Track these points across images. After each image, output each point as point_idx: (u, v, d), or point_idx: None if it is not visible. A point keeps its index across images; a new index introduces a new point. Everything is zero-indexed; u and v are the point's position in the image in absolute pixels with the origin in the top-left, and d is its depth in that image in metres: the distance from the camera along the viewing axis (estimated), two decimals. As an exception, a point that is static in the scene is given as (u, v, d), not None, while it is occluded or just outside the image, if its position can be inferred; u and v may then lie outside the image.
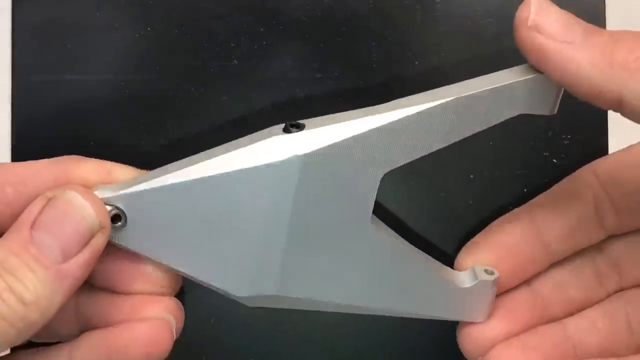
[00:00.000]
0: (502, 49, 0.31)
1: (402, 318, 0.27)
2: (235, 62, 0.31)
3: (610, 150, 0.31)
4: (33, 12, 0.30)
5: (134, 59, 0.30)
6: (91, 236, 0.22)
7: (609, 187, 0.27)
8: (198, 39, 0.30)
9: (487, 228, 0.28)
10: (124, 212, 0.23)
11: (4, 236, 0.22)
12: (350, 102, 0.31)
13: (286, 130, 0.21)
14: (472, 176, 0.31)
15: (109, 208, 0.22)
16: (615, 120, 0.31)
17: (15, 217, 0.22)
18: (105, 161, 0.24)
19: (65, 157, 0.24)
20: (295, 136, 0.21)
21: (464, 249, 0.28)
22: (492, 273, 0.26)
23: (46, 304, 0.21)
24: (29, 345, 0.26)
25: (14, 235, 0.21)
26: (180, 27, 0.30)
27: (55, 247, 0.21)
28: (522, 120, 0.31)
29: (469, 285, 0.26)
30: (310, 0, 0.31)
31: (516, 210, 0.29)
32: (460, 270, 0.27)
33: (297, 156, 0.21)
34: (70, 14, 0.30)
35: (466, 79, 0.24)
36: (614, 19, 0.31)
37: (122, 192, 0.22)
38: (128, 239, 0.23)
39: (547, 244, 0.27)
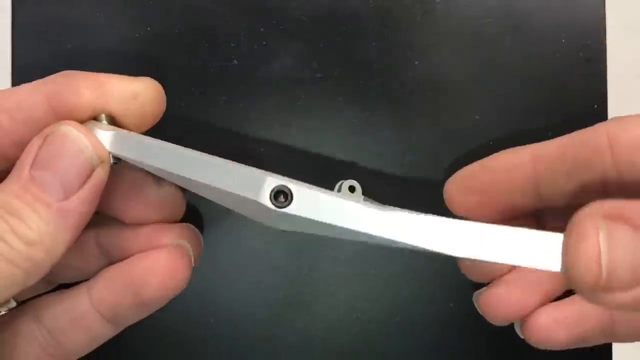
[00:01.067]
0: (502, 49, 0.31)
1: (402, 318, 0.27)
2: (235, 62, 0.31)
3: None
4: (33, 12, 0.30)
5: (134, 59, 0.30)
6: (91, 170, 0.21)
7: (623, 169, 0.23)
8: (198, 39, 0.30)
9: (487, 162, 0.26)
10: (118, 159, 0.23)
11: (5, 180, 0.21)
12: (350, 102, 0.31)
13: (272, 200, 0.20)
14: (472, 176, 0.31)
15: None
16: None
17: (16, 145, 0.22)
18: (98, 74, 0.23)
19: (55, 75, 0.23)
20: (278, 214, 0.20)
21: (456, 179, 0.26)
22: None
23: (51, 242, 0.21)
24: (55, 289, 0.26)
25: (15, 177, 0.21)
26: (180, 27, 0.30)
27: (56, 184, 0.21)
28: (522, 120, 0.31)
29: None
30: (310, 0, 0.31)
31: (520, 155, 0.25)
32: (447, 197, 0.26)
33: (279, 229, 0.21)
34: (70, 14, 0.30)
35: (466, 78, 0.24)
36: (614, 22, 0.31)
37: (115, 151, 0.22)
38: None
39: (540, 195, 0.25)
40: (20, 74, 0.30)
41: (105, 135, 0.22)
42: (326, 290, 0.31)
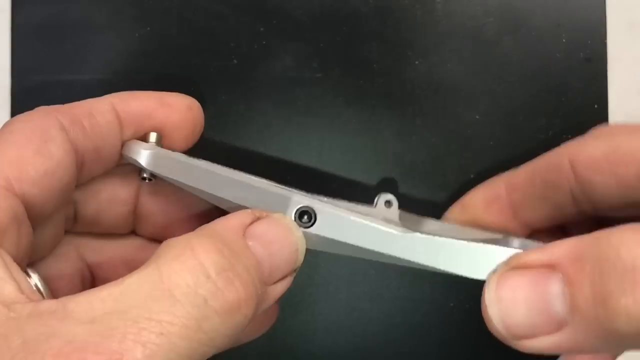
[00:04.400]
0: (502, 49, 0.31)
1: (402, 318, 0.27)
2: (235, 62, 0.31)
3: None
4: (33, 12, 0.30)
5: (134, 59, 0.30)
6: (292, 271, 0.20)
7: (586, 187, 0.24)
8: (198, 39, 0.30)
9: (465, 201, 0.27)
10: (154, 176, 0.23)
11: (213, 226, 0.19)
12: (350, 102, 0.31)
13: (296, 220, 0.21)
14: (472, 176, 0.31)
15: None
16: (615, 120, 0.31)
17: (95, 145, 0.22)
18: (157, 92, 0.23)
19: (117, 93, 0.23)
20: (303, 233, 0.21)
21: (447, 216, 0.28)
22: None
23: (245, 314, 0.18)
24: None
25: (228, 231, 0.19)
26: (180, 27, 0.30)
27: (267, 265, 0.19)
28: (522, 120, 0.31)
29: None
30: (310, 0, 0.31)
31: (495, 188, 0.27)
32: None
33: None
34: (70, 14, 0.30)
35: (466, 78, 0.24)
36: (614, 21, 0.31)
37: (157, 169, 0.22)
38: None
39: (522, 220, 0.26)
40: (20, 74, 0.30)
41: (151, 154, 0.22)
42: (326, 290, 0.31)
